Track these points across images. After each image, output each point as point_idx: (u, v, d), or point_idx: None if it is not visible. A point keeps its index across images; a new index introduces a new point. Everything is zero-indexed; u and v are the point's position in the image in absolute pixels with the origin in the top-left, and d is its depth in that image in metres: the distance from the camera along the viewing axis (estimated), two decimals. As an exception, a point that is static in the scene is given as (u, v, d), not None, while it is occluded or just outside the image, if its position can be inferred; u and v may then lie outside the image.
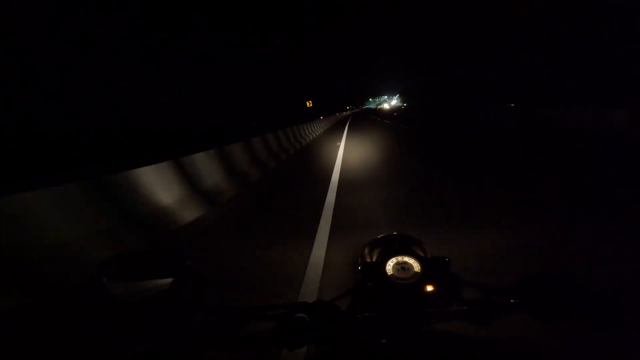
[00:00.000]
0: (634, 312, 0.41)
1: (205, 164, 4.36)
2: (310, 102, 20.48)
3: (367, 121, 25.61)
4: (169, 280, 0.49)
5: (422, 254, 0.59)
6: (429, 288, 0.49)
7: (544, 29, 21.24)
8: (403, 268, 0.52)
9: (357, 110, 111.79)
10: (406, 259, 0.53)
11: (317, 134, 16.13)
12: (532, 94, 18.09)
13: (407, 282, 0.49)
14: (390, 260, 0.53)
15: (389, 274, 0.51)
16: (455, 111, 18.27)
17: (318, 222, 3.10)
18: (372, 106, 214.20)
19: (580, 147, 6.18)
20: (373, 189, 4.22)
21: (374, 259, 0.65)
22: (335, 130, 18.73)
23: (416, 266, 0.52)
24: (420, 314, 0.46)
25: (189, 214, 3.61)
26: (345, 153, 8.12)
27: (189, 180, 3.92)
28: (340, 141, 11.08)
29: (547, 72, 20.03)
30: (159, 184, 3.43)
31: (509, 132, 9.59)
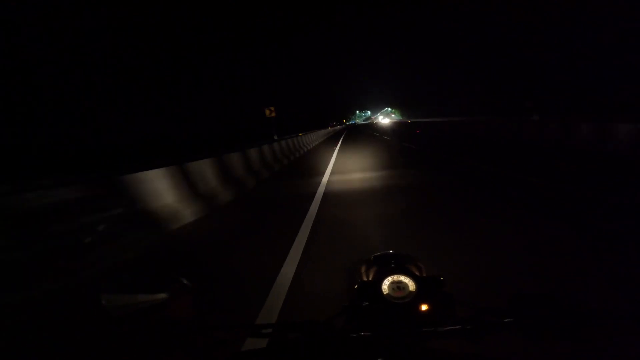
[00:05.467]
0: (623, 332, 0.44)
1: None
2: (272, 110, 12.79)
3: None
4: (163, 295, 0.49)
5: (417, 273, 0.60)
6: (424, 307, 0.49)
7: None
8: (398, 287, 0.52)
9: (337, 126, 73.61)
10: (401, 277, 0.53)
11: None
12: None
13: (402, 302, 0.50)
14: (386, 279, 0.53)
15: (384, 293, 0.51)
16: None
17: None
18: (360, 121, 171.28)
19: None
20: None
21: (370, 278, 0.65)
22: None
23: (411, 285, 0.52)
24: (415, 333, 0.46)
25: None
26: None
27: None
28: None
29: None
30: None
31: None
